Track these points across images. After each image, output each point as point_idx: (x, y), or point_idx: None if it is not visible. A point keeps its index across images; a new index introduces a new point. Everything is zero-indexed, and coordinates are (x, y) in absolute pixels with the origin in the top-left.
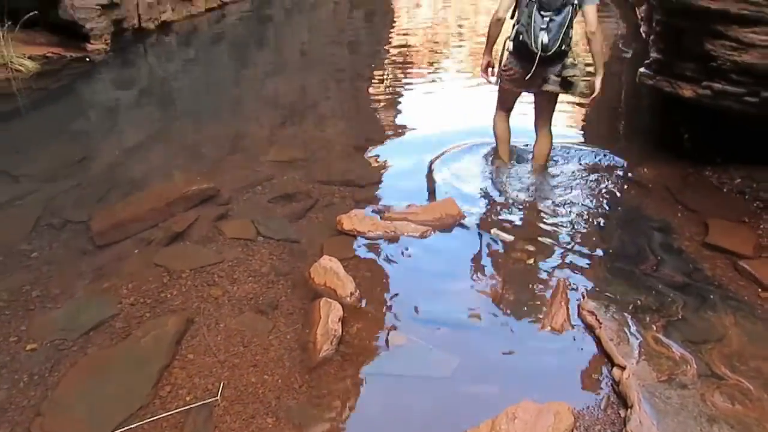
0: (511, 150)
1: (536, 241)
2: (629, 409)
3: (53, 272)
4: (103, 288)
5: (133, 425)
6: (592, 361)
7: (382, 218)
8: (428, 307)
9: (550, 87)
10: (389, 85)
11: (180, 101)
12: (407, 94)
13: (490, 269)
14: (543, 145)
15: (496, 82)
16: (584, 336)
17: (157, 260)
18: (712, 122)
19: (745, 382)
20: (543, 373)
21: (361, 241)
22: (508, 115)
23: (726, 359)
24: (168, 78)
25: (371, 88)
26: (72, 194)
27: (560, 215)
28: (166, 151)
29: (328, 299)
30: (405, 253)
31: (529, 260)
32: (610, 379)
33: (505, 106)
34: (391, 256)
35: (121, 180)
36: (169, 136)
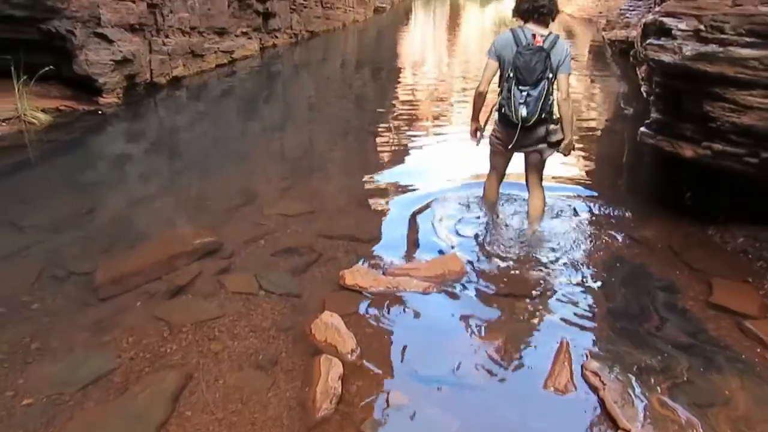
0: (495, 206)
1: (538, 298)
2: None
3: (54, 325)
4: (103, 341)
5: None
6: (596, 424)
7: (384, 273)
8: (429, 366)
9: (535, 148)
10: (394, 139)
11: (187, 154)
12: (412, 149)
13: (492, 327)
14: (536, 204)
15: (478, 144)
16: (588, 397)
17: (159, 314)
18: (714, 181)
19: None
20: None
21: (363, 297)
22: (499, 179)
23: (733, 423)
24: (177, 131)
25: (376, 143)
26: (77, 245)
27: (562, 272)
28: (172, 203)
29: (329, 356)
30: (407, 310)
31: (532, 319)
32: None
33: (496, 167)
34: (393, 313)
35: (127, 231)
36: (176, 188)
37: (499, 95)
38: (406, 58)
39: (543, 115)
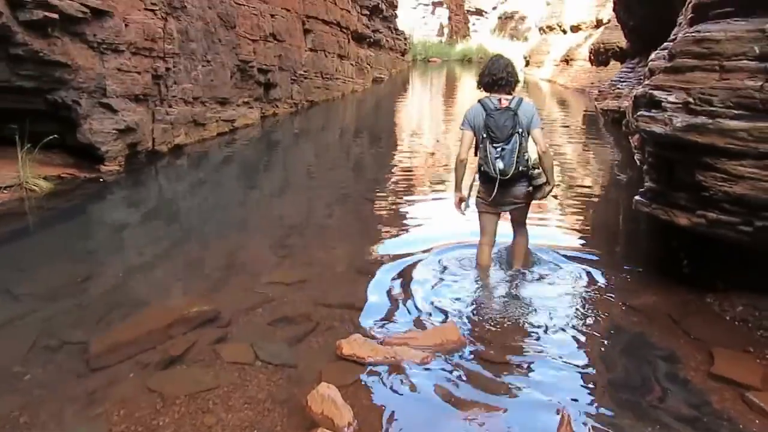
0: (489, 270)
1: (537, 368)
2: None
3: (45, 397)
4: (94, 414)
5: None
6: None
7: (382, 343)
8: None
9: (517, 206)
10: (392, 205)
11: (186, 221)
12: (410, 215)
13: (491, 398)
14: (519, 241)
15: (464, 213)
16: None
17: (152, 385)
18: (711, 248)
19: None
20: None
21: (360, 368)
22: (491, 243)
23: None
24: (177, 198)
25: (374, 209)
26: (72, 314)
27: (560, 340)
28: (170, 271)
29: (325, 430)
30: (405, 381)
31: (532, 390)
32: None
33: (486, 230)
34: (391, 384)
35: (123, 300)
36: (173, 255)
37: (476, 155)
38: (404, 126)
39: (521, 168)
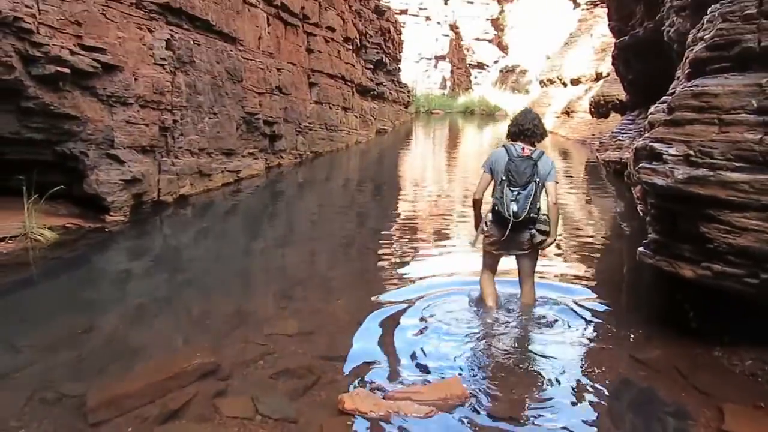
0: (497, 297)
1: (544, 423)
2: None
3: None
4: None
5: None
6: None
7: (385, 397)
8: None
9: (523, 252)
10: (396, 256)
11: (190, 272)
12: (413, 265)
13: None
14: (528, 297)
15: (474, 244)
16: None
17: None
18: (717, 299)
19: None
20: None
21: (362, 423)
22: (492, 276)
23: None
24: (180, 249)
25: (378, 260)
26: (71, 366)
27: (567, 394)
28: (171, 323)
29: None
30: None
31: None
32: None
33: (488, 269)
34: None
35: (123, 351)
36: (175, 307)
37: (492, 196)
38: (407, 177)
39: (531, 215)
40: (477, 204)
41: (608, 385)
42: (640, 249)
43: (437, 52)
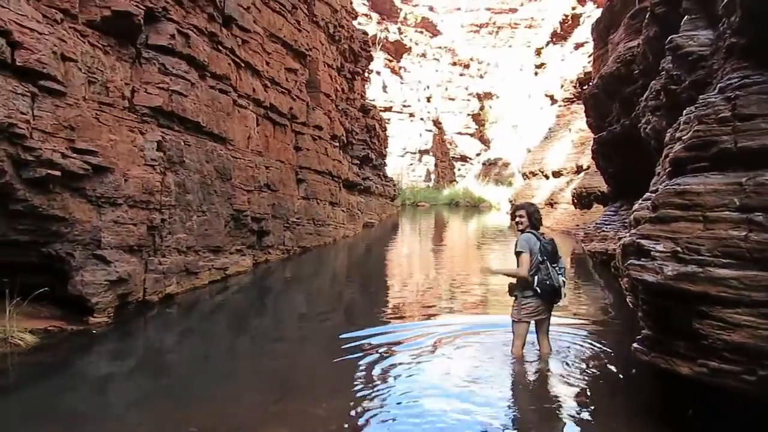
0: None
1: None
2: None
3: None
4: None
5: None
6: None
7: None
8: None
9: (548, 315)
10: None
11: (174, 376)
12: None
13: None
14: (545, 345)
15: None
16: None
17: None
18: (717, 396)
19: None
20: None
21: None
22: (523, 347)
23: None
24: (165, 351)
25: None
26: None
27: None
28: None
29: None
30: None
31: None
32: None
33: (521, 337)
34: None
35: None
36: (156, 415)
37: (536, 275)
38: (395, 270)
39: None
40: (523, 279)
41: None
42: (635, 345)
43: (421, 147)
